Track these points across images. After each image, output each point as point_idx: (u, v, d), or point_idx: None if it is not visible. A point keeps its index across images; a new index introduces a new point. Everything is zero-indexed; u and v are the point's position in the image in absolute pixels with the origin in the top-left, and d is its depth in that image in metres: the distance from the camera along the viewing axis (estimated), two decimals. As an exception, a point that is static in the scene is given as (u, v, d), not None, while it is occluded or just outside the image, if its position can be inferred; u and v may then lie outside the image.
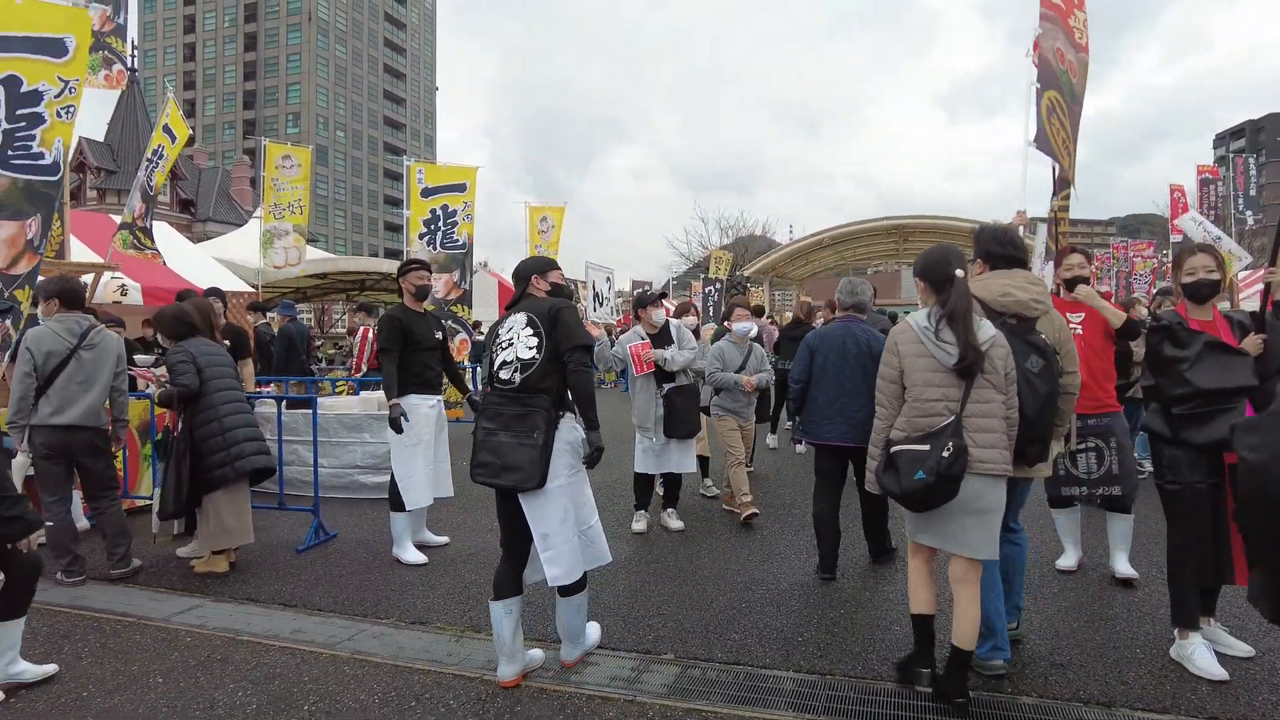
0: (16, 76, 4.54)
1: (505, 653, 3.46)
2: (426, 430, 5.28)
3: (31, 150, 4.53)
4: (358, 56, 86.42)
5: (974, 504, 3.10)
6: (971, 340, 3.08)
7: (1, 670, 3.43)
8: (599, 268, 19.72)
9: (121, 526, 4.99)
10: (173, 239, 13.43)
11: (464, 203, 9.23)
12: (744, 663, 3.65)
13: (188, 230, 34.50)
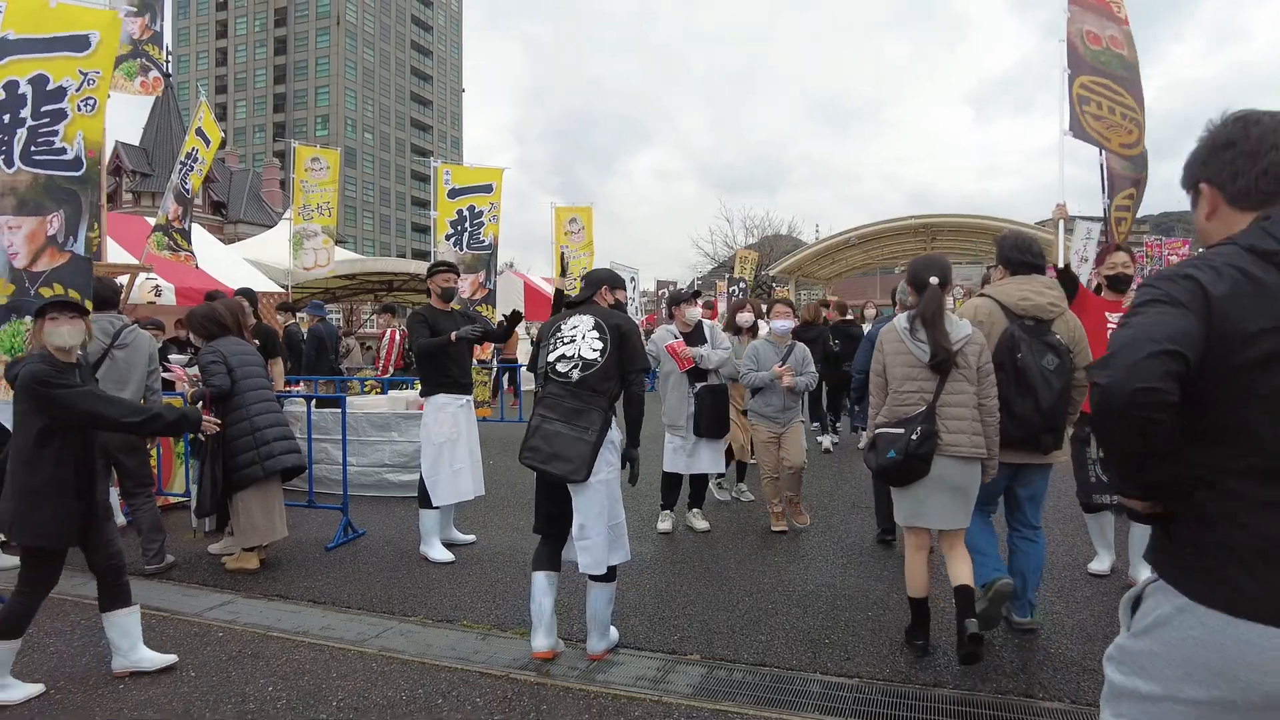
0: (44, 75, 4.63)
1: (545, 625, 3.63)
2: (454, 429, 5.32)
3: (54, 145, 4.59)
4: (385, 59, 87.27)
5: (946, 482, 3.46)
6: (943, 340, 3.45)
7: (125, 657, 3.57)
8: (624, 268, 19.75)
9: (156, 523, 5.08)
10: (205, 240, 13.65)
11: (490, 204, 9.28)
12: (770, 664, 3.63)
13: (219, 231, 35.05)
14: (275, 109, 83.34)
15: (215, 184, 45.11)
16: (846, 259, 28.91)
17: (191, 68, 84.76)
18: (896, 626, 4.04)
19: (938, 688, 3.38)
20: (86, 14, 4.76)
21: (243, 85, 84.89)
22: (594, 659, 3.68)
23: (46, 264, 4.59)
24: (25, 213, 4.58)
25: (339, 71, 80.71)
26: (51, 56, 4.67)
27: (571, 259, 12.29)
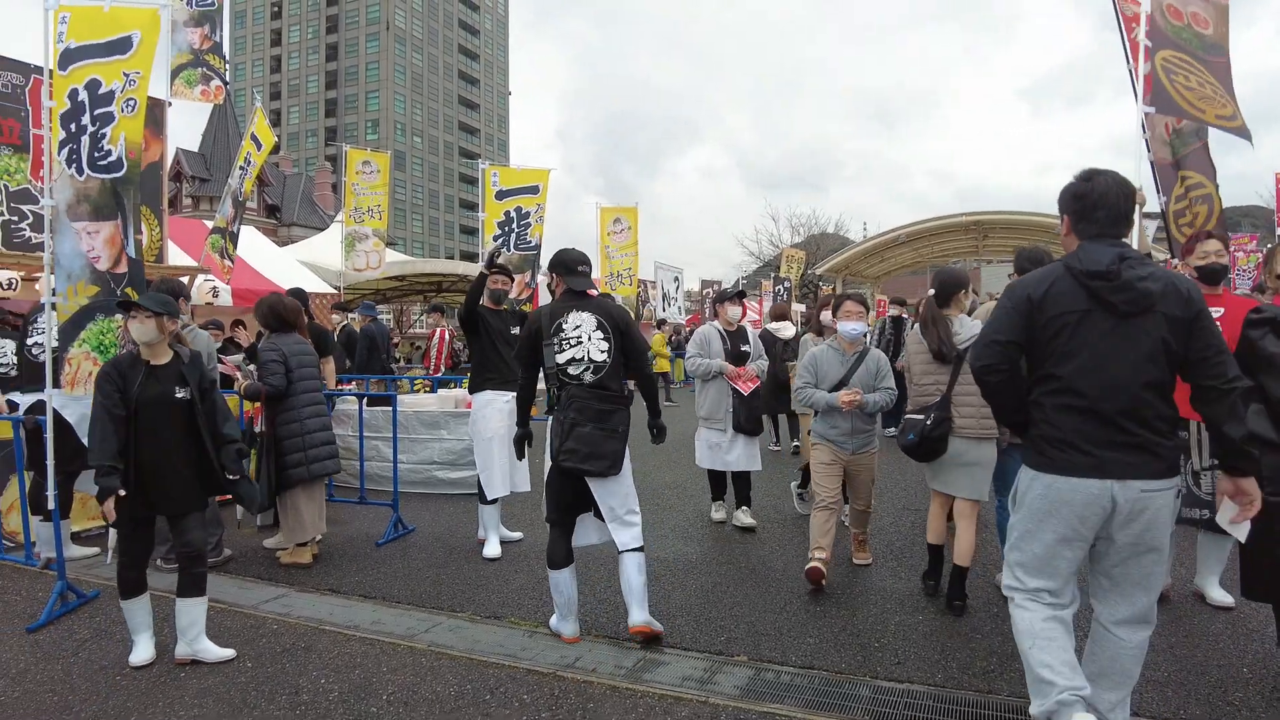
0: (97, 79, 4.76)
1: (573, 613, 3.89)
2: (501, 424, 5.36)
3: (104, 148, 4.74)
4: (433, 63, 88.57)
5: (962, 458, 4.19)
6: (943, 336, 4.28)
7: (189, 644, 3.74)
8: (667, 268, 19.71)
9: (215, 517, 5.22)
10: (259, 243, 14.03)
11: (537, 205, 9.35)
12: (819, 667, 3.58)
13: (273, 234, 35.95)
14: (327, 114, 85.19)
15: (269, 188, 46.35)
16: (895, 257, 28.44)
17: (247, 75, 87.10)
18: (949, 631, 3.95)
19: (992, 694, 3.29)
20: (133, 14, 4.87)
21: (296, 91, 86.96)
22: (640, 631, 3.81)
23: (124, 266, 4.76)
24: (102, 218, 4.73)
25: (388, 76, 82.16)
26: (104, 61, 4.80)
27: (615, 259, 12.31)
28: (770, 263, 44.20)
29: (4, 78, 8.16)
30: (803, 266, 29.72)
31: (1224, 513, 2.84)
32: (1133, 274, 2.52)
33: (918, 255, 28.60)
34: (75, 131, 4.72)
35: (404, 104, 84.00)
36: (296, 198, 48.98)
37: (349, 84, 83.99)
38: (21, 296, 7.83)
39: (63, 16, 4.72)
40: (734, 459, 5.88)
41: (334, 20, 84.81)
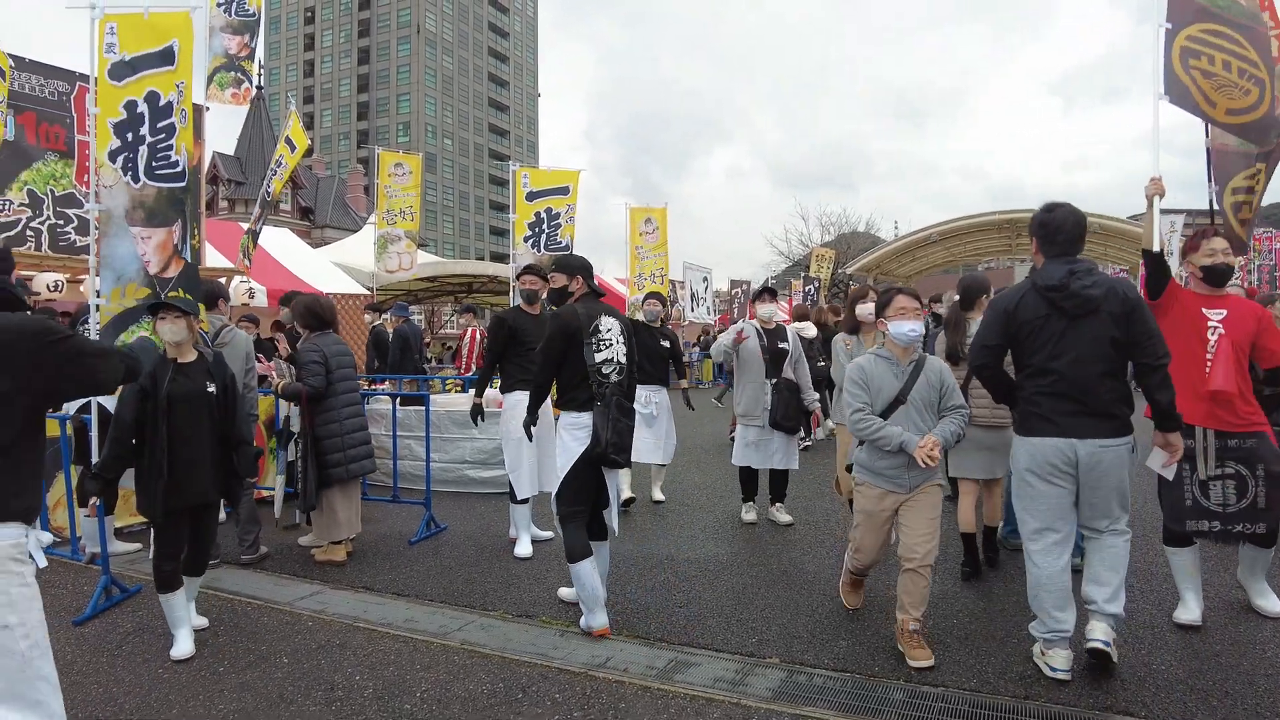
0: (156, 92, 4.88)
1: (600, 604, 3.96)
2: None
3: (170, 159, 4.85)
4: (463, 66, 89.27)
5: (978, 443, 4.63)
6: (960, 339, 4.80)
7: None
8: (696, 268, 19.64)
9: (252, 515, 5.31)
10: (294, 245, 14.26)
11: (567, 205, 9.37)
12: (852, 670, 3.55)
13: (307, 236, 36.47)
14: (359, 117, 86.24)
15: (303, 190, 47.03)
16: (927, 256, 28.12)
17: (282, 79, 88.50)
18: (984, 635, 3.90)
19: (1029, 700, 3.24)
20: (169, 19, 4.97)
21: (329, 95, 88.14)
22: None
23: (174, 271, 4.87)
24: (155, 224, 4.86)
25: (419, 79, 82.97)
26: (157, 73, 4.92)
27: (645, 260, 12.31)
28: (800, 262, 43.93)
29: (51, 86, 8.37)
30: (833, 265, 29.51)
31: (1154, 459, 3.55)
32: (1079, 284, 3.29)
33: (949, 254, 28.25)
34: (132, 141, 4.84)
35: (435, 107, 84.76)
36: (329, 200, 49.65)
37: (380, 87, 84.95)
38: (67, 298, 8.03)
39: (110, 26, 4.83)
40: (772, 457, 5.89)
41: (365, 24, 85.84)
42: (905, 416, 3.68)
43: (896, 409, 3.69)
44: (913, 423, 3.67)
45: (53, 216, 8.39)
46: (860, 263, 28.17)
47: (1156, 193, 3.98)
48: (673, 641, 3.88)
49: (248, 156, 44.47)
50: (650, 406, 6.59)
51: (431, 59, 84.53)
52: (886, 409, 3.71)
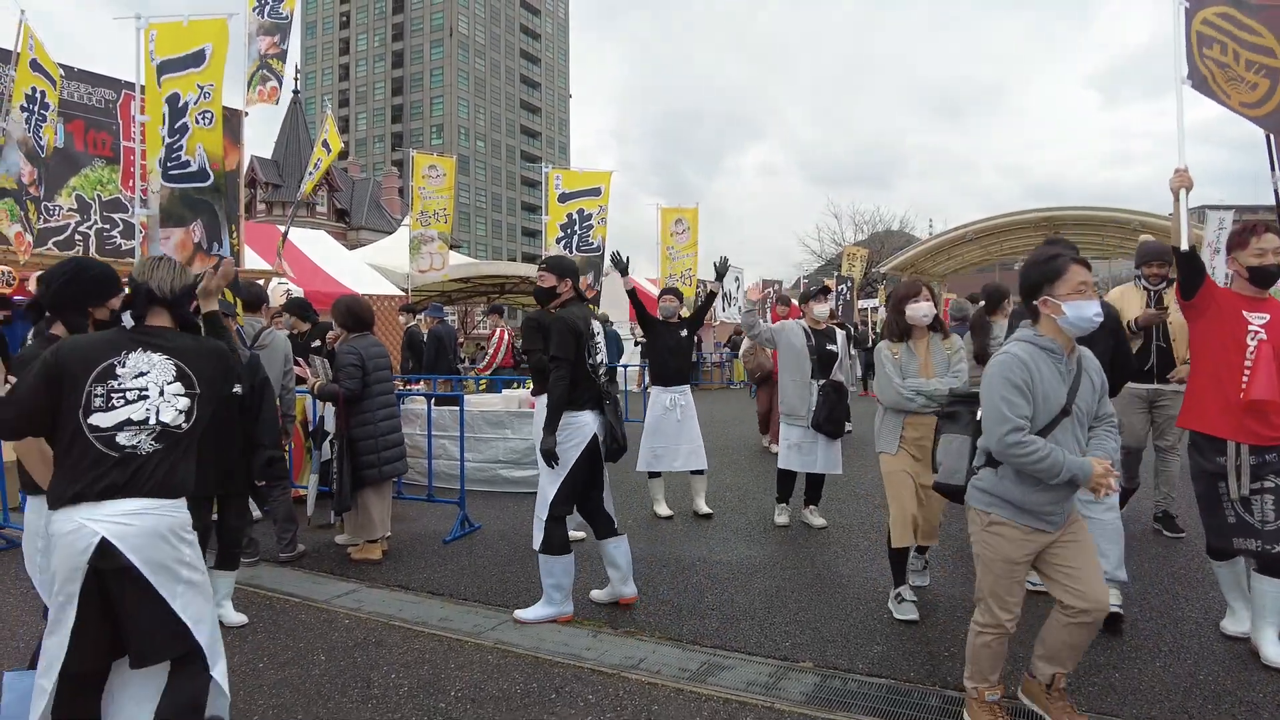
0: (176, 93, 4.98)
1: (630, 575, 4.34)
2: None
3: (181, 159, 4.94)
4: (495, 68, 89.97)
5: None
6: (984, 341, 5.73)
7: None
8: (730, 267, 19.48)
9: (290, 514, 5.40)
10: (331, 247, 14.47)
11: (599, 206, 9.41)
12: (887, 675, 3.51)
13: (343, 238, 37.01)
14: (393, 120, 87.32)
15: (339, 193, 47.75)
16: (963, 255, 27.70)
17: (318, 83, 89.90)
18: (1023, 641, 3.81)
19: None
20: (206, 26, 5.07)
21: (363, 98, 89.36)
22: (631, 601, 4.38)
23: (199, 268, 4.96)
24: (170, 224, 4.95)
25: (452, 82, 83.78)
26: (182, 74, 5.01)
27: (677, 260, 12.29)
28: (832, 261, 43.58)
29: (98, 94, 8.59)
30: (866, 264, 29.21)
31: None
32: None
33: (986, 253, 27.80)
34: (169, 146, 4.96)
35: (467, 109, 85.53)
36: (365, 202, 50.34)
37: (414, 90, 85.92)
38: None
39: (152, 34, 4.95)
40: (814, 461, 5.78)
41: (399, 28, 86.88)
42: (1067, 432, 2.82)
43: (1060, 422, 2.80)
44: (1072, 438, 2.82)
45: (100, 221, 8.61)
46: (894, 262, 27.85)
47: (1183, 185, 3.75)
48: (705, 644, 3.87)
49: (284, 160, 45.28)
50: (676, 410, 6.33)
51: (464, 62, 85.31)
52: (1049, 425, 2.79)
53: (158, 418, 2.55)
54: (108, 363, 2.55)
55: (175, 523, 2.52)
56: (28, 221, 6.57)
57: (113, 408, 2.50)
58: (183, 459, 2.60)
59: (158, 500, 2.48)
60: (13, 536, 5.77)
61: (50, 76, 6.46)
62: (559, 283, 4.30)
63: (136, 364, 2.59)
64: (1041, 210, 23.16)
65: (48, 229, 7.61)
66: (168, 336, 2.70)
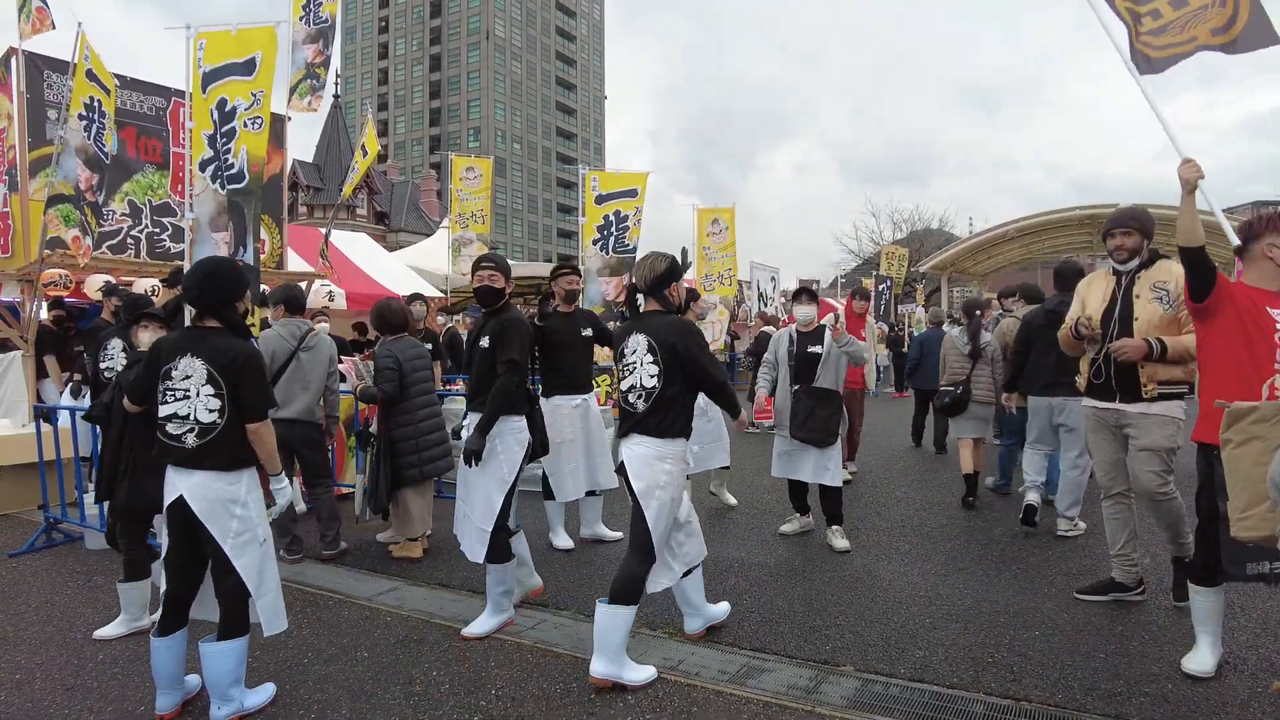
0: (224, 99, 5.11)
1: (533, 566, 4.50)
2: (570, 429, 5.37)
3: (228, 162, 5.06)
4: (531, 71, 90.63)
5: (972, 415, 6.81)
6: (976, 342, 6.87)
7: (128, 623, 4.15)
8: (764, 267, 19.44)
9: (333, 512, 5.49)
10: (371, 248, 14.68)
11: (635, 208, 9.42)
12: (929, 681, 3.46)
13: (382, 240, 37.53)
14: (431, 123, 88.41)
15: (379, 195, 48.47)
16: (1004, 254, 27.25)
17: (357, 88, 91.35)
18: (1069, 649, 3.75)
19: (1118, 719, 3.11)
20: (255, 34, 5.18)
21: (402, 102, 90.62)
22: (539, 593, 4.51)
23: None
24: (217, 229, 5.08)
25: (489, 85, 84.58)
26: (230, 81, 5.13)
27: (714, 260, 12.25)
28: (870, 260, 43.10)
29: (149, 101, 8.83)
30: (905, 264, 28.83)
31: None
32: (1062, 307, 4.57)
33: (1027, 251, 27.31)
34: (219, 150, 5.08)
35: (504, 111, 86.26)
36: (404, 205, 51.02)
37: (452, 94, 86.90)
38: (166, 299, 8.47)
39: (201, 43, 5.08)
40: (803, 470, 5.55)
41: (437, 32, 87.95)
42: None
43: None
44: None
45: (150, 225, 8.86)
46: (933, 261, 27.50)
47: (1195, 176, 3.44)
48: (744, 646, 3.86)
49: (326, 163, 46.09)
50: (711, 409, 6.18)
51: (500, 64, 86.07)
52: None
53: (195, 416, 3.13)
54: (167, 366, 3.16)
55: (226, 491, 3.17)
56: (86, 225, 6.78)
57: (166, 402, 3.15)
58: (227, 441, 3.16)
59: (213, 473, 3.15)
60: (71, 531, 5.96)
61: (105, 86, 6.66)
62: (507, 284, 4.29)
63: (185, 368, 3.14)
64: (1085, 207, 22.72)
65: (102, 233, 7.84)
66: (209, 340, 3.18)
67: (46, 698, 3.43)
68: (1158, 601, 4.32)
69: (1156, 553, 4.97)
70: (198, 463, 3.11)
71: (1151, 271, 4.10)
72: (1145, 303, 4.03)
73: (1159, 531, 4.23)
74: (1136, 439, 4.04)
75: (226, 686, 3.17)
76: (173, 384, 3.14)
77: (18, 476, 6.75)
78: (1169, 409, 4.01)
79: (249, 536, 3.19)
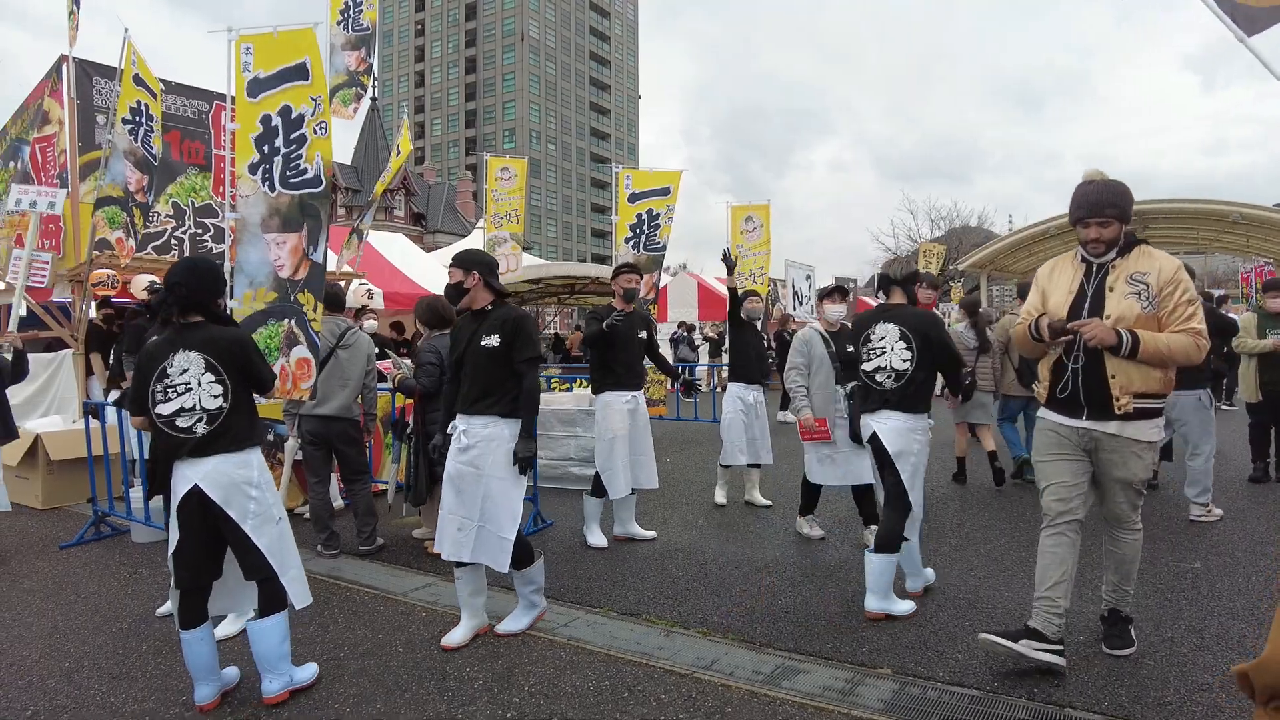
0: (288, 106, 5.20)
1: None
2: (621, 425, 5.47)
3: (300, 168, 5.16)
4: (565, 72, 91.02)
5: (977, 401, 7.18)
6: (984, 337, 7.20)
7: None
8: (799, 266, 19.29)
9: (370, 507, 5.55)
10: (408, 248, 14.85)
11: (667, 206, 9.39)
12: (969, 685, 3.39)
13: (419, 241, 37.95)
14: (467, 125, 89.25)
15: (415, 197, 49.06)
16: (1044, 251, 26.67)
17: (394, 91, 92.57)
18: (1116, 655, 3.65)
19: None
20: (297, 36, 5.25)
21: (438, 104, 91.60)
22: None
23: (303, 274, 5.17)
24: (289, 230, 5.18)
25: (524, 86, 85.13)
26: (289, 87, 5.22)
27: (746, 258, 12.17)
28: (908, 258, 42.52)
29: (192, 105, 9.02)
30: (943, 262, 28.39)
31: None
32: None
33: (1068, 248, 26.58)
34: (269, 153, 5.17)
35: (539, 112, 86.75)
36: (440, 206, 51.59)
37: (487, 96, 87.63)
38: None
39: (245, 47, 5.17)
40: (860, 471, 5.38)
41: (472, 34, 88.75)
42: None
43: None
44: None
45: (193, 226, 9.05)
46: (972, 259, 27.02)
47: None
48: (779, 647, 3.81)
49: (363, 165, 46.78)
50: (758, 406, 6.62)
51: (535, 65, 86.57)
52: None
53: (201, 405, 3.23)
54: (161, 366, 3.24)
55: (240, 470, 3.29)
56: (132, 227, 6.95)
57: (169, 400, 3.24)
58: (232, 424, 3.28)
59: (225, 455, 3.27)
60: (119, 525, 6.11)
61: (151, 90, 6.81)
62: (466, 277, 4.02)
63: (181, 363, 3.25)
64: (1131, 203, 22.07)
65: (147, 234, 8.02)
66: (198, 332, 3.29)
67: (93, 685, 3.51)
68: (1210, 606, 4.19)
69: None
70: (209, 449, 3.22)
71: (1129, 260, 3.44)
72: (1120, 298, 3.37)
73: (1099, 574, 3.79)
74: (1109, 468, 3.48)
75: (275, 661, 3.32)
76: (171, 381, 3.22)
77: (69, 471, 6.95)
78: (1145, 431, 3.41)
79: (265, 516, 3.31)
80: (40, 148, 8.51)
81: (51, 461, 6.92)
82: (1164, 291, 3.35)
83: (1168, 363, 3.34)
